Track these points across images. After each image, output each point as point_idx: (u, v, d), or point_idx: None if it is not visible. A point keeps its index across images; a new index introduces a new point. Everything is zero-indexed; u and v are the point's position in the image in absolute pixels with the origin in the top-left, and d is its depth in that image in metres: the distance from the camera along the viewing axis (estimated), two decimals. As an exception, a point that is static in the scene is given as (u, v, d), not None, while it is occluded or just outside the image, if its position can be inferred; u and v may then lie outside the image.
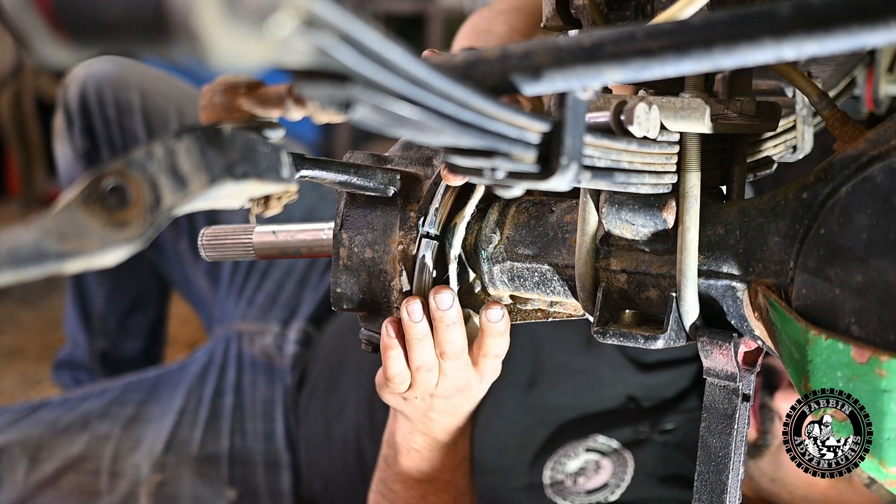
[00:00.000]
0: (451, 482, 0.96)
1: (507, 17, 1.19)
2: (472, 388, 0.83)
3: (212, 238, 0.87)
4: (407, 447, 0.93)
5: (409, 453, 0.93)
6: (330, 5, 0.36)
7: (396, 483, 0.96)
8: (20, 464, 1.35)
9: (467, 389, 0.83)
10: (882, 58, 0.96)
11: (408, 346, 0.78)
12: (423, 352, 0.77)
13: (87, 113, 1.61)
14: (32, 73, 3.11)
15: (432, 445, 0.93)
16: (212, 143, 0.45)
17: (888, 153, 0.58)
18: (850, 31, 0.42)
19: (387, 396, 0.86)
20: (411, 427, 0.91)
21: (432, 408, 0.86)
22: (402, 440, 0.93)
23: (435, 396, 0.83)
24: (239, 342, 1.54)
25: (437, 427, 0.90)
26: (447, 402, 0.84)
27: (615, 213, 0.68)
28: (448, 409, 0.86)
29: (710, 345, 0.67)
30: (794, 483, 1.08)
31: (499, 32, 1.14)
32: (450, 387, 0.81)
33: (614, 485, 1.12)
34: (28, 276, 0.41)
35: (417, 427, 0.91)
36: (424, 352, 0.77)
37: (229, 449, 1.42)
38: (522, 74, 0.48)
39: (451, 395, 0.83)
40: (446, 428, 0.91)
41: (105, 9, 0.32)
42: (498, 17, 1.20)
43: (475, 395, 0.85)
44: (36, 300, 2.55)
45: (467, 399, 0.85)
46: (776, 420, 1.09)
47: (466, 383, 0.82)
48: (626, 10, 0.68)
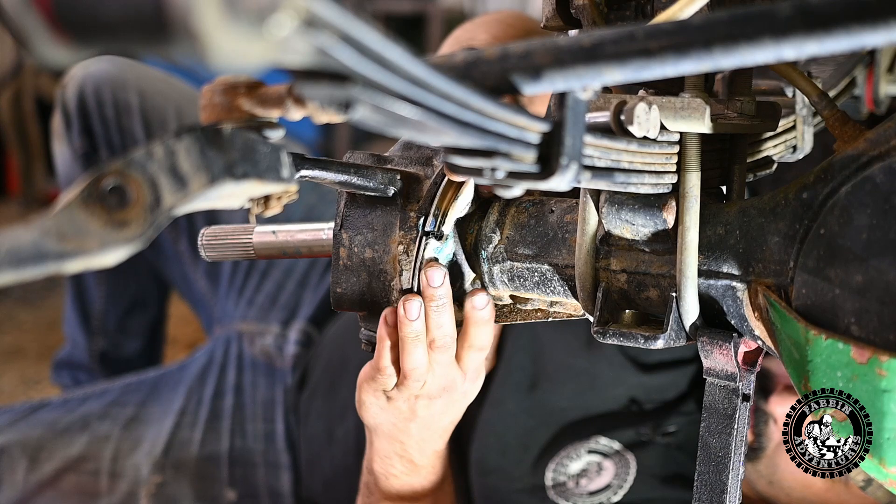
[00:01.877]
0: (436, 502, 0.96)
1: (490, 27, 1.20)
2: (456, 388, 0.82)
3: (212, 238, 0.87)
4: (385, 473, 0.92)
5: (388, 479, 0.92)
6: (330, 5, 0.36)
7: None
8: (20, 464, 1.35)
9: (452, 390, 0.82)
10: (882, 58, 0.96)
11: (401, 345, 0.77)
12: (415, 352, 0.77)
13: (86, 113, 1.61)
14: (32, 73, 3.11)
15: (410, 469, 0.91)
16: (212, 143, 0.45)
17: (888, 153, 0.58)
18: (850, 31, 0.42)
19: (368, 395, 0.84)
20: (388, 449, 0.90)
21: (414, 413, 0.84)
22: (380, 467, 0.92)
23: (419, 398, 0.82)
24: (239, 342, 1.54)
25: (413, 445, 0.88)
26: (430, 405, 0.83)
27: (615, 213, 0.68)
28: (429, 417, 0.85)
29: (710, 345, 0.67)
30: (791, 485, 1.08)
31: (481, 41, 1.15)
32: (435, 385, 0.81)
33: (617, 486, 1.12)
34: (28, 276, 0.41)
35: (394, 448, 0.89)
36: (417, 352, 0.77)
37: (229, 449, 1.41)
38: (522, 74, 0.48)
39: (436, 395, 0.82)
40: (423, 448, 0.89)
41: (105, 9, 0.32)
42: (480, 28, 1.20)
43: (457, 399, 0.84)
44: (36, 300, 2.55)
45: (449, 404, 0.84)
46: (771, 423, 1.09)
47: (451, 382, 0.81)
48: (626, 10, 0.68)
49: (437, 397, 0.82)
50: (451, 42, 1.19)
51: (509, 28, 1.19)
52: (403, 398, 0.82)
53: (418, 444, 0.89)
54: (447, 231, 0.77)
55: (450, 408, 0.85)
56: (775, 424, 1.09)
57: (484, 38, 1.16)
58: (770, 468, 1.09)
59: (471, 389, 0.84)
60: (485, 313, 0.77)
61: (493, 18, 1.25)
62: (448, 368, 0.80)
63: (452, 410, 0.86)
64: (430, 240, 0.76)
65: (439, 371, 0.80)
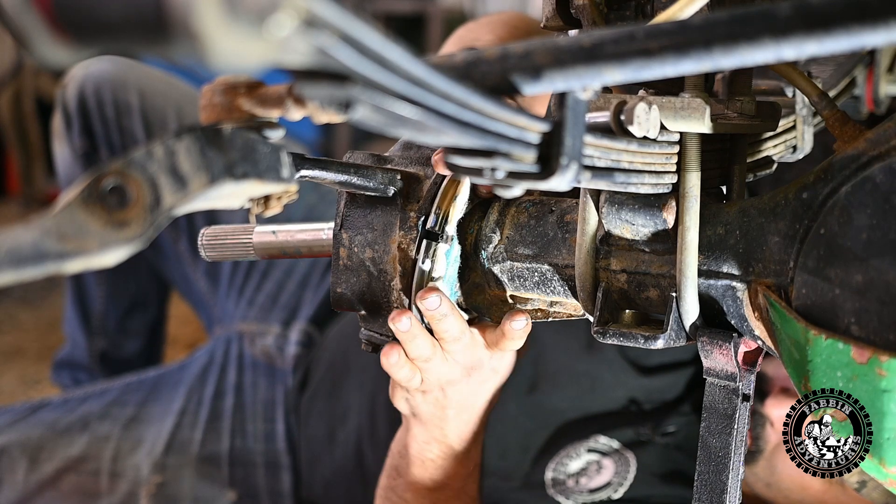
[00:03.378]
0: (463, 489, 0.95)
1: (493, 27, 1.20)
2: (483, 365, 0.83)
3: (212, 238, 0.87)
4: (421, 458, 0.92)
5: (424, 463, 0.92)
6: (330, 5, 0.36)
7: (408, 492, 0.95)
8: (20, 465, 1.35)
9: (479, 368, 0.83)
10: (882, 58, 0.96)
11: (403, 344, 0.78)
12: (418, 345, 0.78)
13: (86, 113, 1.61)
14: (32, 73, 3.11)
15: (447, 454, 0.91)
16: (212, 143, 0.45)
17: (888, 153, 0.58)
18: (850, 31, 0.42)
19: (401, 399, 0.86)
20: (427, 436, 0.90)
21: (448, 399, 0.85)
22: (417, 451, 0.92)
23: (449, 384, 0.83)
24: (239, 343, 1.54)
25: (452, 430, 0.89)
26: (461, 389, 0.84)
27: (615, 213, 0.68)
28: (462, 399, 0.86)
29: (710, 345, 0.67)
30: (789, 487, 1.09)
31: (485, 41, 1.14)
32: (459, 369, 0.82)
33: (617, 483, 1.12)
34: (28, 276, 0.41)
35: (433, 434, 0.90)
36: (419, 345, 0.78)
37: (230, 450, 1.41)
38: (522, 74, 0.48)
39: (462, 377, 0.83)
40: (462, 431, 0.90)
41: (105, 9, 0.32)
42: (484, 28, 1.20)
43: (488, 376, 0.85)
44: (36, 300, 2.55)
45: (480, 383, 0.85)
46: (768, 426, 1.09)
47: (478, 361, 0.82)
48: (626, 10, 0.68)
49: (465, 377, 0.83)
50: (453, 41, 1.19)
51: (514, 29, 1.19)
52: (432, 388, 0.83)
53: (457, 427, 0.89)
54: (451, 232, 0.77)
55: (482, 386, 0.86)
56: (772, 427, 1.09)
57: (488, 39, 1.15)
58: (768, 470, 1.10)
59: (500, 366, 0.85)
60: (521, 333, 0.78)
61: (497, 19, 1.25)
62: (468, 352, 0.81)
63: (485, 389, 0.87)
64: (438, 245, 0.76)
65: (459, 357, 0.80)
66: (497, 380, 0.87)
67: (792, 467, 1.06)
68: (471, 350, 0.81)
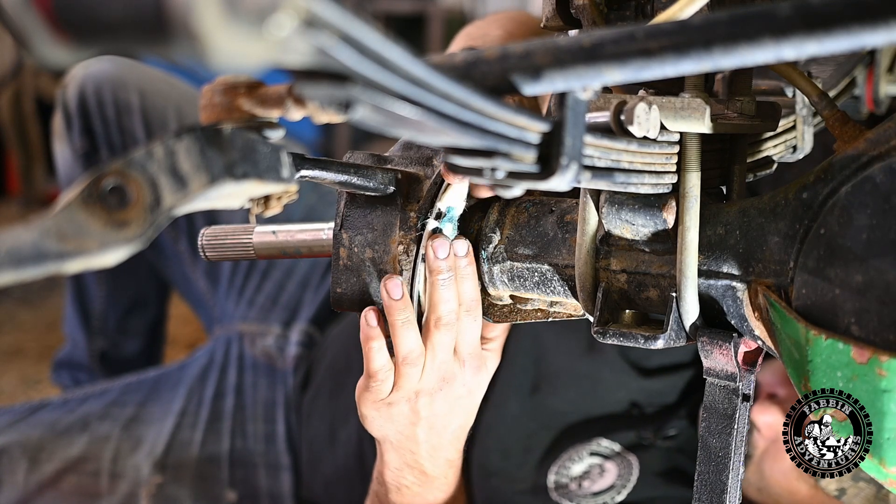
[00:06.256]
0: None
1: (502, 23, 1.20)
2: (456, 379, 0.81)
3: (212, 238, 0.87)
4: (397, 485, 0.90)
5: (400, 490, 0.90)
6: (330, 5, 0.36)
7: None
8: (20, 465, 1.35)
9: (451, 381, 0.81)
10: (882, 58, 0.96)
11: (391, 332, 0.76)
12: (408, 338, 0.76)
13: (86, 113, 1.61)
14: (32, 73, 3.11)
15: (422, 481, 0.89)
16: (212, 143, 0.45)
17: (888, 153, 0.58)
18: (850, 31, 0.42)
19: (368, 409, 0.83)
20: (399, 462, 0.88)
21: (417, 414, 0.82)
22: (392, 478, 0.90)
23: (419, 394, 0.81)
24: (240, 343, 1.54)
25: (423, 453, 0.86)
26: (432, 402, 0.81)
27: (615, 213, 0.68)
28: (433, 417, 0.83)
29: (710, 345, 0.67)
30: (777, 492, 1.09)
31: (494, 37, 1.14)
32: (433, 377, 0.80)
33: (620, 486, 1.12)
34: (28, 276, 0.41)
35: (405, 459, 0.87)
36: (410, 338, 0.76)
37: (230, 450, 1.41)
38: (522, 74, 0.48)
39: (435, 387, 0.80)
40: (434, 456, 0.87)
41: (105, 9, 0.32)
42: (493, 24, 1.20)
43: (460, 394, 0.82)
44: (36, 300, 2.55)
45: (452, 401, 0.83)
46: (754, 431, 1.10)
47: (449, 373, 0.80)
48: (626, 10, 0.68)
49: (437, 391, 0.81)
50: (462, 38, 1.19)
51: (522, 25, 1.18)
52: (403, 397, 0.81)
53: (428, 451, 0.87)
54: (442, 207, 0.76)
55: (454, 407, 0.83)
56: (759, 433, 1.09)
57: (497, 34, 1.15)
58: (757, 475, 1.10)
59: (473, 384, 0.83)
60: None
61: (504, 15, 1.24)
62: (446, 355, 0.79)
63: (458, 411, 0.84)
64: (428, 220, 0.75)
65: (440, 355, 0.78)
66: (470, 403, 0.84)
67: (779, 472, 1.07)
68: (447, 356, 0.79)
